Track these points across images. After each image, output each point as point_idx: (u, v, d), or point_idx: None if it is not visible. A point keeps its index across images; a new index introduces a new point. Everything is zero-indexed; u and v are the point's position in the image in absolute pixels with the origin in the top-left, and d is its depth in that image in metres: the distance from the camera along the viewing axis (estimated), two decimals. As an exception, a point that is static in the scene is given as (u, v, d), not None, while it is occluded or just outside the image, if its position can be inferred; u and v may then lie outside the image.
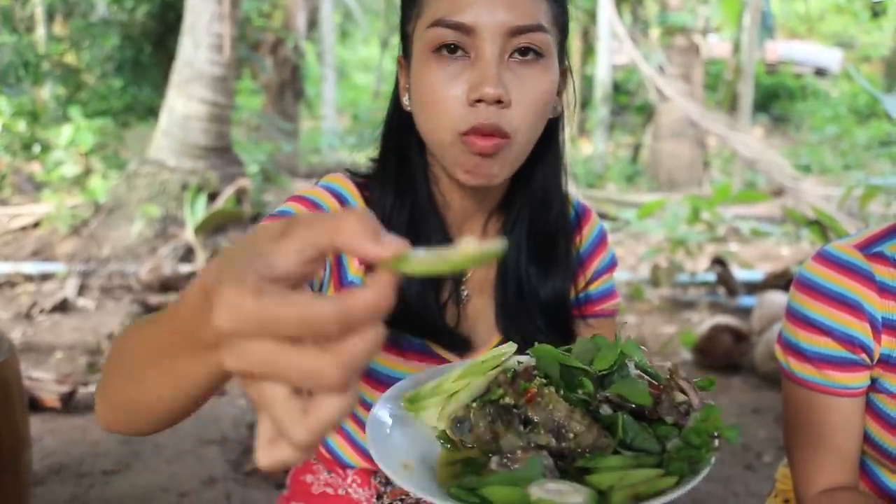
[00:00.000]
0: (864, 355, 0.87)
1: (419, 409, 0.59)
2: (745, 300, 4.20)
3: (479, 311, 0.92)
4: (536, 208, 0.92)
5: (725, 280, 4.34)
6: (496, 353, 0.61)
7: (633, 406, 0.56)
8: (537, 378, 0.58)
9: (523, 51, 0.78)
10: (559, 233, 0.94)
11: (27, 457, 1.97)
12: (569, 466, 0.53)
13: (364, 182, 0.92)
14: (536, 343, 0.65)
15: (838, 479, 0.90)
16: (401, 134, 0.89)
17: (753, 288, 4.32)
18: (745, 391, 3.07)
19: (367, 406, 0.87)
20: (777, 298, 3.54)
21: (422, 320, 0.86)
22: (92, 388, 2.83)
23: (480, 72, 0.76)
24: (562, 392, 0.57)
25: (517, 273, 0.91)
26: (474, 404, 0.58)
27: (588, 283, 0.99)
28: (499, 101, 0.76)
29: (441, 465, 0.55)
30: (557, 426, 0.54)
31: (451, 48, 0.78)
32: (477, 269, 0.92)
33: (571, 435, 0.54)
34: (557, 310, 0.93)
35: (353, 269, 0.87)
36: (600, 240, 1.01)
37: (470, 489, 0.49)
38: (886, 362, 0.86)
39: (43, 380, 2.79)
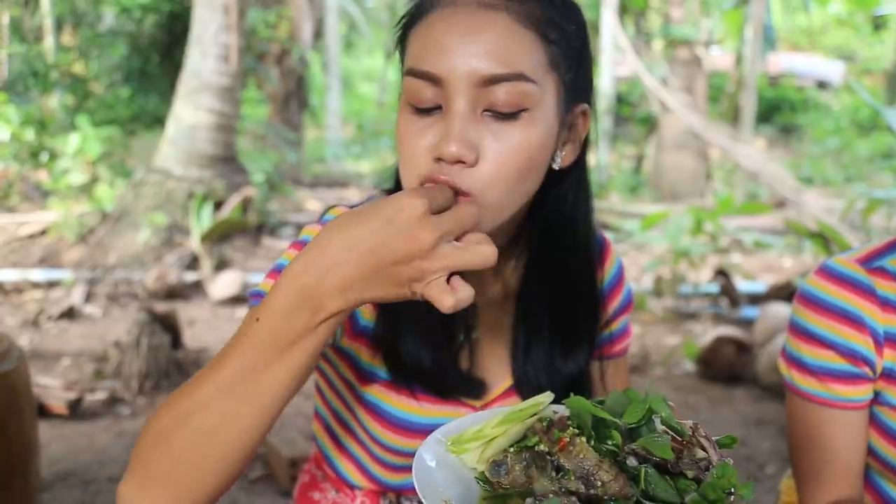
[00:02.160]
0: (866, 369, 0.88)
1: (461, 451, 0.64)
2: (747, 311, 4.21)
3: (492, 352, 0.89)
4: (562, 249, 0.85)
5: (728, 291, 4.35)
6: (534, 402, 0.65)
7: (657, 459, 0.60)
8: (570, 428, 0.62)
9: (501, 108, 0.69)
10: (584, 293, 0.89)
11: (36, 463, 1.99)
12: None
13: None
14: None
15: (843, 492, 0.90)
16: None
17: (756, 299, 4.33)
18: (748, 402, 3.07)
19: (377, 442, 0.87)
20: (780, 310, 3.55)
21: (437, 380, 0.84)
22: (99, 395, 2.84)
23: (445, 127, 0.69)
24: (592, 442, 0.61)
25: (539, 343, 0.86)
26: (511, 449, 0.62)
27: (605, 325, 0.94)
28: (461, 161, 0.68)
29: (480, 502, 0.60)
30: (587, 474, 0.58)
31: (425, 109, 0.71)
32: (489, 310, 0.89)
33: (599, 483, 0.58)
34: (578, 381, 0.89)
35: (366, 315, 0.85)
36: (619, 278, 0.98)
37: None
38: (889, 376, 0.88)
39: (50, 387, 2.81)
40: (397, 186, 0.87)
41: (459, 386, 0.86)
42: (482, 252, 0.60)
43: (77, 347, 3.49)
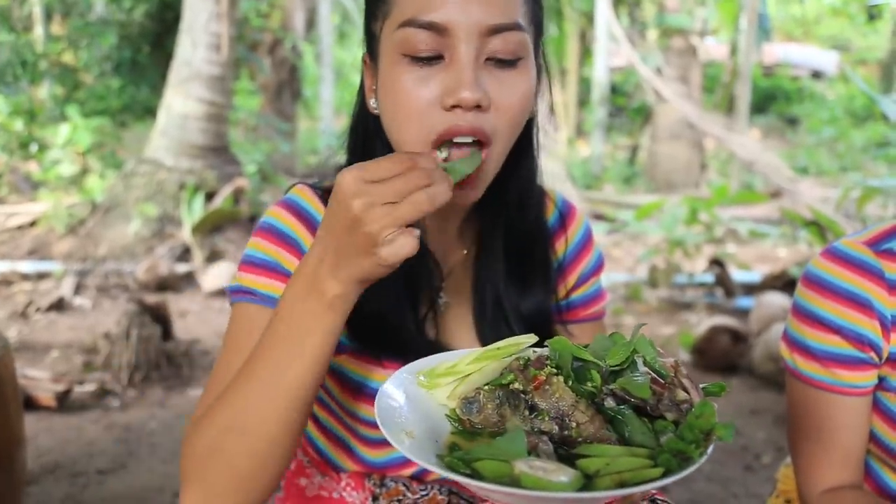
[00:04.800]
0: (872, 353, 0.86)
1: (433, 386, 0.62)
2: (742, 301, 4.20)
3: (459, 317, 0.89)
4: (513, 212, 0.88)
5: (723, 281, 4.34)
6: (514, 341, 0.63)
7: (637, 401, 0.57)
8: (548, 367, 0.59)
9: (502, 55, 0.73)
10: (536, 241, 0.91)
11: (22, 455, 1.96)
12: (569, 454, 0.55)
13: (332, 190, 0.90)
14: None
15: (843, 478, 0.89)
16: (367, 138, 0.85)
17: (751, 289, 4.32)
18: (744, 392, 3.06)
19: (351, 415, 0.87)
20: (775, 299, 3.54)
21: (401, 341, 0.84)
22: (88, 388, 2.81)
23: (456, 75, 0.71)
24: (571, 383, 0.58)
25: (495, 291, 0.88)
26: (486, 387, 0.60)
27: (574, 288, 0.95)
28: (477, 106, 0.71)
29: (449, 440, 0.58)
30: (562, 414, 0.56)
31: (424, 59, 0.72)
32: (454, 274, 0.90)
33: (574, 424, 0.56)
34: (540, 322, 0.90)
35: None
36: (586, 241, 0.98)
37: (464, 461, 0.52)
38: (895, 361, 0.86)
39: (38, 378, 2.77)
40: (351, 159, 0.88)
41: (425, 353, 0.85)
42: (413, 201, 0.61)
43: (66, 339, 3.45)
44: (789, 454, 0.97)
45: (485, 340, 0.88)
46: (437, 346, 0.86)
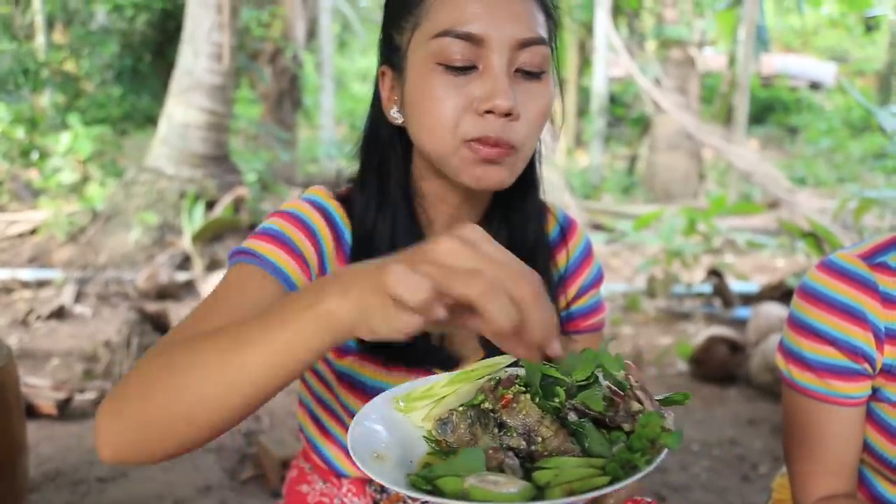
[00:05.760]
0: (866, 365, 0.87)
1: (410, 410, 0.65)
2: (740, 312, 4.21)
3: None
4: (515, 222, 0.91)
5: (721, 291, 4.35)
6: (489, 363, 0.66)
7: (595, 414, 0.60)
8: (516, 386, 0.63)
9: (529, 68, 0.78)
10: (537, 253, 0.93)
11: (24, 463, 1.97)
12: (535, 468, 0.58)
13: (344, 197, 0.90)
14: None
15: (836, 487, 0.90)
16: (382, 149, 0.87)
17: (749, 299, 4.34)
18: (741, 402, 3.07)
19: (352, 415, 0.88)
20: (773, 310, 3.55)
21: (405, 350, 0.85)
22: (89, 396, 2.82)
23: (492, 83, 0.76)
24: (538, 400, 0.61)
25: None
26: (459, 408, 0.63)
27: (574, 300, 0.97)
28: (508, 114, 0.76)
29: (424, 460, 0.61)
30: (528, 430, 0.59)
31: (459, 68, 0.77)
32: None
33: (540, 439, 0.59)
34: None
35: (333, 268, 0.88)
36: (586, 254, 1.00)
37: (426, 479, 0.54)
38: (889, 372, 0.87)
39: (39, 386, 2.78)
40: (365, 169, 0.89)
41: (429, 357, 0.88)
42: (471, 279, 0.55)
43: (67, 347, 3.46)
44: (784, 463, 0.98)
45: (487, 350, 0.89)
46: (442, 352, 0.88)
